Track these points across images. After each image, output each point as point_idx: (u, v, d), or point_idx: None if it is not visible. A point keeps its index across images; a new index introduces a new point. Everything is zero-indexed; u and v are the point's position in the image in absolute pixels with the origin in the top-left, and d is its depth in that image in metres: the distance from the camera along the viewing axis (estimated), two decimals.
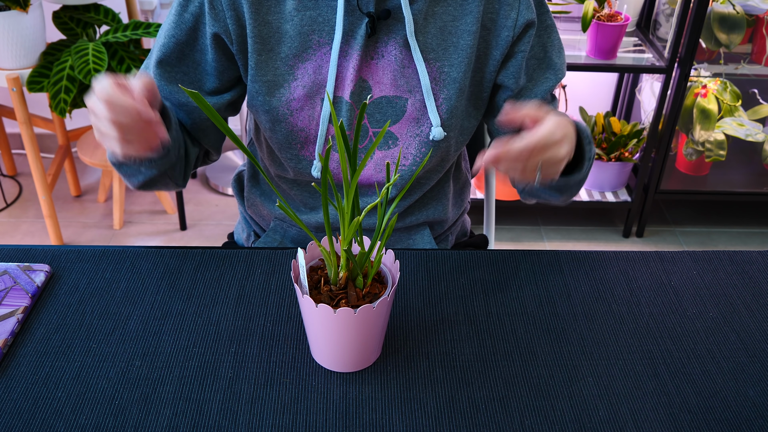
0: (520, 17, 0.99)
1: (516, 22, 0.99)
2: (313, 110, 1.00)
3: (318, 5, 0.96)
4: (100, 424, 0.75)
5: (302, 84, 0.99)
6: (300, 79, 0.98)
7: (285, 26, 0.97)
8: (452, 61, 0.99)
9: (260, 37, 0.96)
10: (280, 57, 0.98)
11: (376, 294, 0.79)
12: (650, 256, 1.02)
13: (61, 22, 2.08)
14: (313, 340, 0.81)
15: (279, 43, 0.97)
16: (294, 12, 0.96)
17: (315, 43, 0.97)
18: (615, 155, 2.39)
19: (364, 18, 0.96)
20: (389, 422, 0.76)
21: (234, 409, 0.77)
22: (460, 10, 0.98)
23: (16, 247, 0.99)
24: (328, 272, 0.79)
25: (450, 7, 0.98)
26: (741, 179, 2.52)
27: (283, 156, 1.05)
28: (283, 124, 1.01)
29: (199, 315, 0.89)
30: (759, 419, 0.79)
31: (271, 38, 0.97)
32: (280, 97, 0.99)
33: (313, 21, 0.96)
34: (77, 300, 0.90)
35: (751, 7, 2.24)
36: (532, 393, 0.80)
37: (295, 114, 1.00)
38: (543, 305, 0.93)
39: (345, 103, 0.99)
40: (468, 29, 0.98)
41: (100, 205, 2.57)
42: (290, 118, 1.01)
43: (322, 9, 0.96)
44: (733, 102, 2.34)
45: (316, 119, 1.01)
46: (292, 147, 1.03)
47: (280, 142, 1.03)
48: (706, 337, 0.89)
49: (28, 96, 2.51)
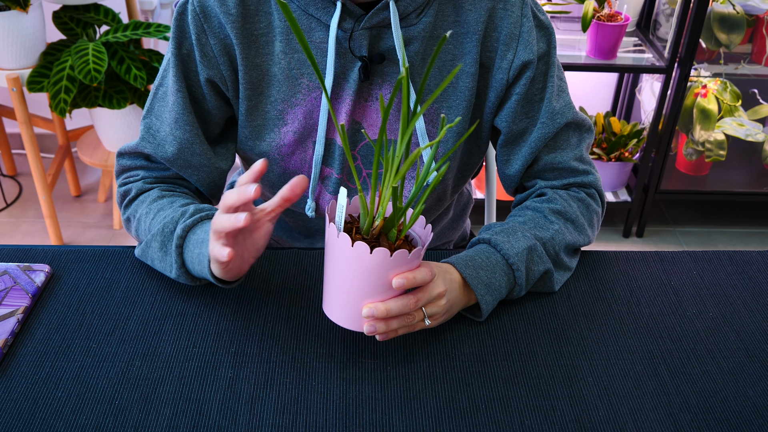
0: (516, 59, 0.93)
1: (512, 64, 0.93)
2: (305, 153, 0.97)
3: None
4: (100, 424, 0.75)
5: (292, 129, 0.95)
6: (290, 125, 0.95)
7: (273, 69, 0.92)
8: (450, 104, 0.95)
9: (250, 83, 0.92)
10: (269, 101, 0.94)
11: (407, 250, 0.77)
12: (650, 256, 1.02)
13: (61, 22, 2.08)
14: (333, 288, 0.78)
15: (269, 87, 0.93)
16: (281, 54, 0.91)
17: (305, 88, 0.92)
18: (615, 155, 2.39)
19: (357, 62, 0.91)
20: (389, 422, 0.76)
21: (234, 409, 0.77)
22: (459, 49, 0.93)
23: (16, 247, 0.99)
24: (361, 223, 0.77)
25: (449, 46, 0.93)
26: (741, 179, 2.52)
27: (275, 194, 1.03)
28: (275, 167, 0.99)
29: (199, 315, 0.89)
30: (759, 419, 0.79)
31: (261, 82, 0.93)
32: (270, 142, 0.96)
33: (302, 64, 0.91)
34: (77, 300, 0.90)
35: (751, 7, 2.24)
36: (532, 393, 0.80)
37: (286, 159, 0.97)
38: (543, 305, 0.92)
39: (337, 146, 0.96)
40: (467, 71, 0.93)
41: (100, 205, 2.57)
42: (281, 162, 0.98)
43: (312, 51, 0.91)
44: (733, 102, 2.34)
45: (308, 161, 0.97)
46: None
47: (272, 181, 1.01)
48: (706, 337, 0.89)
49: (28, 96, 2.50)
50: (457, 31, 0.92)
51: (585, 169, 1.01)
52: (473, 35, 0.92)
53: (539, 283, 0.93)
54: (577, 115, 0.99)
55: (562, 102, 0.97)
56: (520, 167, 1.00)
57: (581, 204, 0.99)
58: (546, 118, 0.96)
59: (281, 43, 0.91)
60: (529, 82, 0.95)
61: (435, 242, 1.16)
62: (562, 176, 1.00)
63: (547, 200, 0.97)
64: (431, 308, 0.80)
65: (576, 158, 1.00)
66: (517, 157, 1.00)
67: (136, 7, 2.28)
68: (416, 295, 0.78)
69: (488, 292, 0.86)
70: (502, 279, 0.88)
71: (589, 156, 1.03)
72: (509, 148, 1.00)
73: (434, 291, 0.80)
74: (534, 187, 1.02)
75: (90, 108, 2.07)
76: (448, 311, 0.84)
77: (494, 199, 1.40)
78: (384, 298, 0.77)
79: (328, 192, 1.01)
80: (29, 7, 1.96)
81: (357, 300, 0.77)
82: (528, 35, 0.92)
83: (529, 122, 0.97)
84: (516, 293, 0.91)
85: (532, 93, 0.96)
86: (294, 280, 0.94)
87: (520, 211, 0.98)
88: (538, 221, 0.94)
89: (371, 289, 0.76)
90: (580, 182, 1.00)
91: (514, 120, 0.97)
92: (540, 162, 0.99)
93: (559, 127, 0.97)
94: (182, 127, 0.94)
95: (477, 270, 0.86)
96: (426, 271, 0.77)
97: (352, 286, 0.76)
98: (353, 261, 0.74)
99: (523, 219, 0.95)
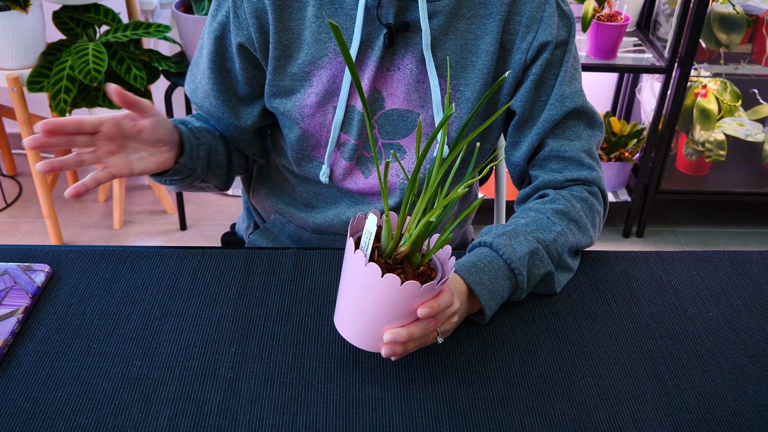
0: (535, 40, 0.96)
1: (531, 45, 0.96)
2: (325, 117, 1.00)
3: (337, 13, 0.95)
4: (100, 424, 0.75)
5: (315, 91, 0.98)
6: (315, 86, 0.98)
7: (304, 32, 0.96)
8: (468, 81, 0.98)
9: (280, 43, 0.96)
10: (297, 63, 0.98)
11: (428, 276, 0.77)
12: (650, 256, 1.02)
13: (61, 22, 2.08)
14: (352, 311, 0.77)
15: (298, 49, 0.97)
16: (313, 18, 0.95)
17: (332, 51, 0.96)
18: (615, 155, 2.39)
19: (383, 29, 0.94)
20: (389, 422, 0.76)
21: (234, 409, 0.77)
22: (481, 29, 0.96)
23: (16, 247, 0.99)
24: (383, 245, 0.76)
25: (473, 25, 0.96)
26: (741, 179, 2.52)
27: (293, 156, 1.05)
28: (295, 128, 1.02)
29: (199, 315, 0.89)
30: (759, 419, 0.79)
31: (291, 45, 0.97)
32: (294, 101, 1.00)
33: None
34: (77, 300, 0.90)
35: (751, 7, 2.24)
36: (532, 393, 0.80)
37: (306, 120, 1.00)
38: (543, 305, 0.92)
39: (357, 112, 0.99)
40: (487, 49, 0.96)
41: (100, 205, 2.57)
42: (301, 123, 1.01)
43: (341, 17, 0.95)
44: (733, 102, 2.34)
45: (327, 126, 1.00)
46: (303, 148, 1.04)
47: (292, 142, 1.04)
48: (706, 337, 0.89)
49: (28, 96, 2.51)
50: (480, 12, 0.96)
51: (590, 164, 1.01)
52: (496, 16, 0.95)
53: (541, 284, 0.93)
54: (587, 105, 1.01)
55: (573, 88, 0.99)
56: (527, 149, 1.01)
57: (584, 204, 0.99)
58: (555, 101, 0.98)
59: (314, 7, 0.95)
60: (545, 64, 0.97)
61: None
62: (566, 168, 1.00)
63: (550, 201, 0.97)
64: (445, 326, 0.81)
65: (584, 150, 1.00)
66: (525, 140, 1.01)
67: (136, 7, 2.28)
68: (436, 318, 0.78)
69: (491, 297, 0.87)
70: (504, 284, 0.88)
71: (597, 154, 1.04)
72: (519, 131, 1.02)
73: (450, 311, 0.80)
74: (537, 180, 1.02)
75: (90, 108, 2.07)
76: (458, 323, 0.85)
77: (503, 200, 1.40)
78: (404, 323, 0.76)
79: (344, 159, 1.03)
80: (29, 7, 1.96)
81: (378, 325, 0.76)
82: (549, 19, 0.95)
83: (539, 104, 0.99)
84: (517, 296, 0.91)
85: (546, 76, 0.98)
86: (294, 280, 0.94)
87: (522, 212, 0.98)
88: (540, 223, 0.94)
89: (393, 316, 0.75)
90: (584, 177, 1.01)
91: (527, 101, 0.99)
92: (546, 148, 1.00)
93: (567, 111, 0.98)
94: (208, 81, 1.02)
95: (480, 275, 0.86)
96: (448, 296, 0.77)
97: (375, 313, 0.75)
98: (380, 291, 0.73)
99: (526, 221, 0.95)
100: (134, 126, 0.88)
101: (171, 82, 2.13)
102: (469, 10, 0.95)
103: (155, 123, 0.90)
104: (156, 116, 0.90)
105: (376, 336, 0.77)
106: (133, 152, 0.90)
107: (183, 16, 2.03)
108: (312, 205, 1.12)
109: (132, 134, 0.89)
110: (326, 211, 1.11)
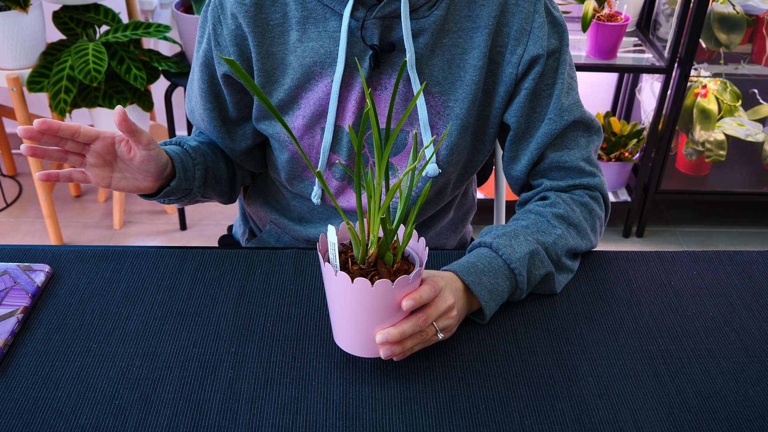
0: (525, 53, 0.94)
1: (521, 59, 0.94)
2: (313, 139, 0.99)
3: (321, 36, 0.93)
4: (100, 424, 0.75)
5: (303, 114, 0.97)
6: (302, 109, 0.97)
7: (288, 57, 0.95)
8: (457, 96, 0.96)
9: (264, 70, 0.96)
10: (283, 88, 0.97)
11: (406, 271, 0.77)
12: (650, 256, 1.02)
13: (61, 22, 2.08)
14: (342, 323, 0.79)
15: (283, 75, 0.96)
16: (297, 43, 0.94)
17: (317, 74, 0.95)
18: (615, 155, 2.39)
19: (368, 50, 0.93)
20: (389, 422, 0.76)
21: (234, 409, 0.77)
22: (469, 42, 0.94)
23: (16, 247, 0.99)
24: (355, 253, 0.77)
25: (459, 39, 0.94)
26: (741, 179, 2.52)
27: (286, 176, 1.05)
28: (284, 150, 1.02)
29: (199, 315, 0.89)
30: (759, 419, 0.79)
31: (276, 70, 0.96)
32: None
33: (315, 52, 0.94)
34: (77, 300, 0.90)
35: (751, 7, 2.24)
36: (532, 393, 0.80)
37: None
38: (543, 305, 0.92)
39: (345, 133, 0.98)
40: (475, 64, 0.94)
41: (100, 205, 2.57)
42: (290, 145, 1.00)
43: (325, 40, 0.93)
44: (733, 102, 2.34)
45: (316, 147, 1.00)
46: (294, 169, 1.04)
47: (283, 163, 1.04)
48: (706, 337, 0.89)
49: (28, 96, 2.51)
50: (468, 26, 0.94)
51: (591, 170, 1.01)
52: (484, 29, 0.93)
53: (541, 285, 0.93)
54: (585, 114, 1.00)
55: (571, 99, 0.98)
56: (526, 164, 1.01)
57: (584, 209, 0.99)
58: (553, 114, 0.97)
59: (297, 32, 0.94)
60: (538, 78, 0.95)
61: (432, 243, 1.16)
62: (568, 176, 1.00)
63: (550, 204, 0.97)
64: (443, 322, 0.81)
65: (583, 159, 1.00)
66: (524, 154, 1.00)
67: (136, 7, 2.28)
68: (425, 312, 0.78)
69: (491, 298, 0.87)
70: (504, 284, 0.88)
71: (596, 158, 1.03)
72: (517, 144, 1.01)
73: (443, 305, 0.80)
74: (540, 187, 1.02)
75: (90, 108, 2.07)
76: (459, 321, 0.85)
77: (503, 201, 1.40)
78: (394, 321, 0.77)
79: (335, 179, 1.03)
80: (29, 7, 1.96)
81: (368, 330, 0.77)
82: (539, 30, 0.93)
83: (536, 118, 0.98)
84: (517, 297, 0.91)
85: (541, 88, 0.96)
86: (294, 280, 0.94)
87: (522, 214, 0.98)
88: (540, 225, 0.94)
89: (380, 317, 0.76)
90: (586, 184, 1.00)
91: (522, 115, 0.97)
92: (546, 159, 1.00)
93: (567, 124, 0.97)
94: (201, 105, 1.03)
95: (479, 276, 0.86)
96: (430, 288, 0.77)
97: (361, 318, 0.76)
98: (357, 296, 0.74)
99: (526, 223, 0.95)
100: (128, 151, 0.88)
101: (171, 82, 2.12)
102: (455, 23, 0.94)
103: (148, 157, 0.89)
104: (152, 151, 0.89)
105: (372, 341, 0.78)
106: (117, 171, 0.90)
107: (183, 16, 2.03)
108: (306, 219, 1.12)
109: (123, 157, 0.89)
110: (320, 226, 1.11)
